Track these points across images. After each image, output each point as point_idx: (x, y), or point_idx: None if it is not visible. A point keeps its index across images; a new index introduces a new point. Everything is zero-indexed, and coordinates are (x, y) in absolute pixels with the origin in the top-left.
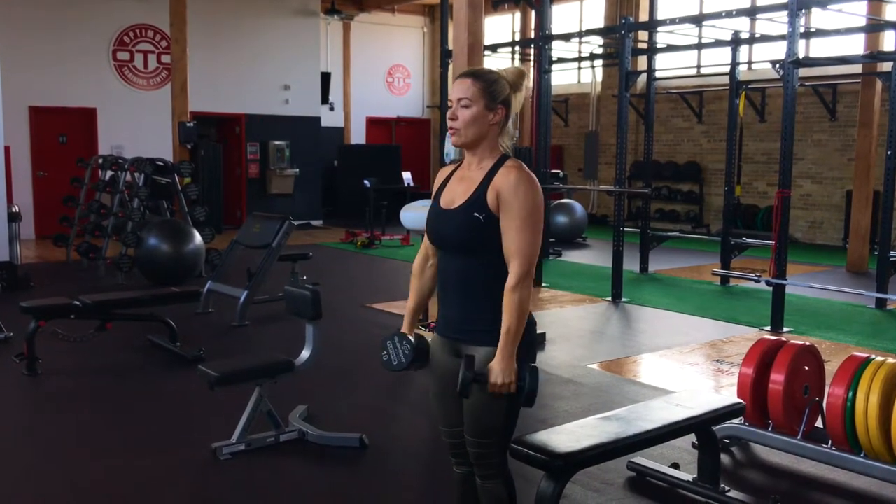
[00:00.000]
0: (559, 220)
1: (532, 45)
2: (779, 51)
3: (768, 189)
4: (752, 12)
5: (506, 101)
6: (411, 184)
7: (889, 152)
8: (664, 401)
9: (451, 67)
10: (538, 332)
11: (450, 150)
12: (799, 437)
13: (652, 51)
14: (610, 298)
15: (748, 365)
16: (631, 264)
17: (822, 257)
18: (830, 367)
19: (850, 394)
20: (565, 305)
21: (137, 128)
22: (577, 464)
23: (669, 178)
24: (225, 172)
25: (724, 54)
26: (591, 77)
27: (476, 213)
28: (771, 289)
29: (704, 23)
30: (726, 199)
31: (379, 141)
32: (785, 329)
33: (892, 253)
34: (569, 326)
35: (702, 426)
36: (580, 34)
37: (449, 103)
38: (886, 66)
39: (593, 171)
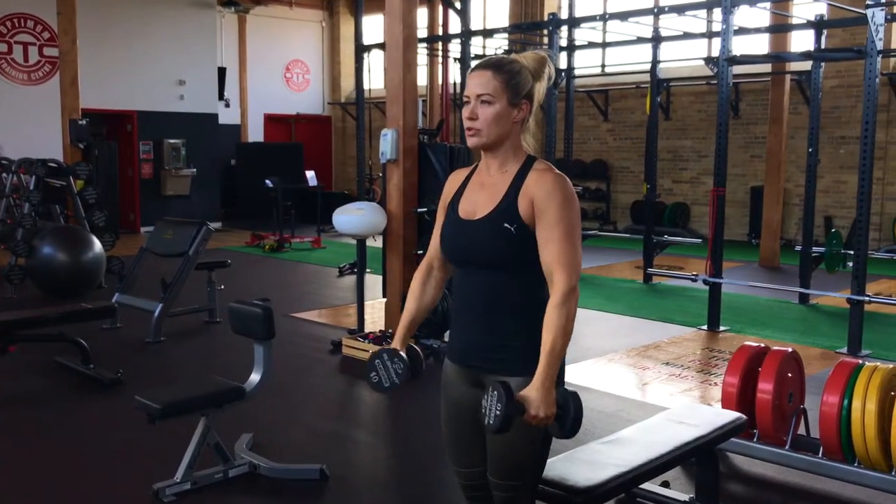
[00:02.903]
0: None
1: (440, 41)
2: (689, 49)
3: (674, 186)
4: (683, 9)
5: (529, 95)
6: (315, 183)
7: (810, 149)
8: (665, 419)
9: (366, 61)
10: None
11: (385, 149)
12: (787, 448)
13: (571, 48)
14: None
15: (733, 374)
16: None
17: (731, 253)
18: None
19: (846, 401)
20: None
21: (18, 126)
22: (597, 498)
23: (576, 177)
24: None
25: (636, 52)
26: None
27: (507, 224)
28: (698, 286)
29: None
30: (647, 197)
31: (278, 139)
32: (721, 328)
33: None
34: None
35: (709, 445)
36: (506, 29)
37: (465, 99)
38: (794, 66)
39: None
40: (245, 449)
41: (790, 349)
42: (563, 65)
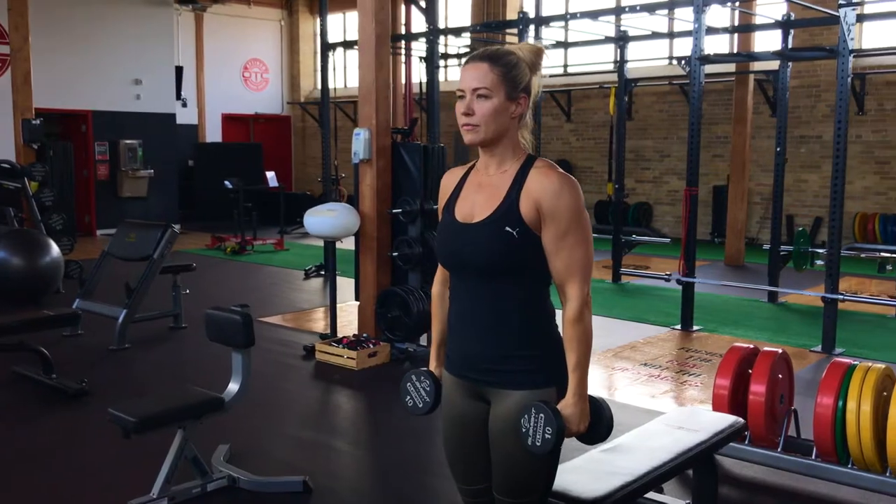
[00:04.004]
0: None
1: (405, 40)
2: (650, 49)
3: (637, 186)
4: (655, 8)
5: (527, 89)
6: (276, 184)
7: (778, 149)
8: (663, 423)
9: (331, 59)
10: None
11: (358, 148)
12: (780, 450)
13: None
14: None
15: (724, 376)
16: None
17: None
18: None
19: (841, 403)
20: None
21: None
22: None
23: None
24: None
25: (599, 52)
26: (457, 76)
27: (508, 228)
28: (667, 285)
29: (590, 19)
30: (615, 197)
31: (236, 139)
32: (695, 327)
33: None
34: None
35: (710, 450)
36: (475, 28)
37: (460, 93)
38: (757, 66)
39: None
40: (222, 461)
41: (780, 350)
42: None
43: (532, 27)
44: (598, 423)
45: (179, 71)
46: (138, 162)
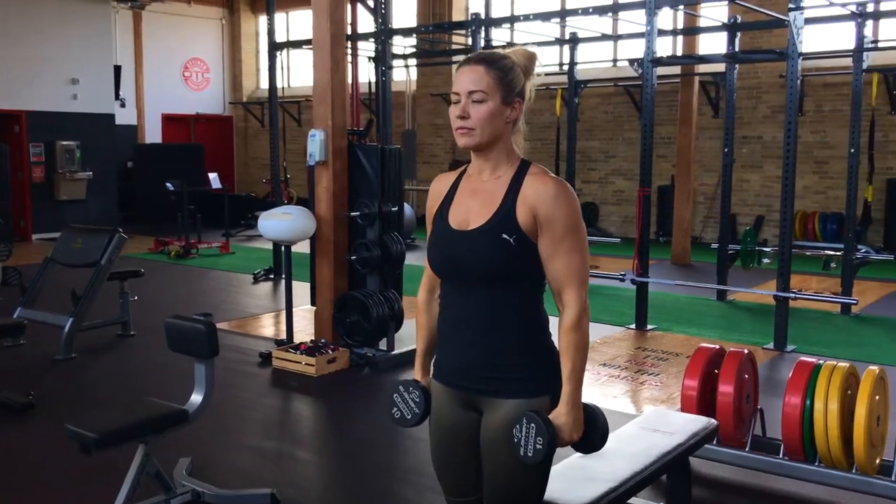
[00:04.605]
0: None
1: (353, 40)
2: (595, 51)
3: (583, 186)
4: (607, 10)
5: (521, 93)
6: (219, 185)
7: (726, 149)
8: (638, 427)
9: (278, 58)
10: (410, 348)
11: (314, 150)
12: (748, 449)
13: (488, 49)
14: None
15: (692, 377)
16: None
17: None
18: None
19: (809, 402)
20: None
21: None
22: None
23: None
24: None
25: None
26: (405, 76)
27: (505, 236)
28: (617, 285)
29: (541, 20)
30: None
31: (177, 140)
32: (649, 327)
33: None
34: None
35: (687, 452)
36: (426, 29)
37: (454, 97)
38: (702, 68)
39: (412, 170)
40: (185, 475)
41: (746, 350)
42: None
43: (483, 28)
44: (593, 432)
45: (118, 70)
46: (76, 164)
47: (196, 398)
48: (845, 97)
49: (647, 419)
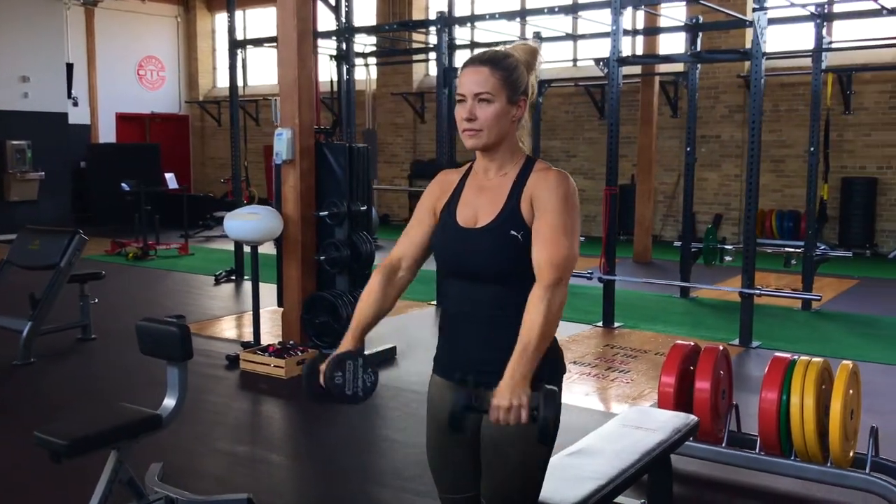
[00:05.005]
0: None
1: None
2: (554, 51)
3: None
4: (572, 10)
5: (526, 91)
6: (176, 185)
7: (688, 149)
8: (620, 424)
9: (238, 56)
10: (382, 348)
11: (281, 149)
12: (724, 445)
13: (452, 48)
14: (435, 302)
15: (669, 374)
16: (429, 264)
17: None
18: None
19: (785, 397)
20: (393, 314)
21: None
22: None
23: None
24: None
25: None
26: (364, 75)
27: (513, 232)
28: (583, 283)
29: (507, 20)
30: None
31: (132, 139)
32: (616, 324)
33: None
34: (409, 336)
35: (670, 449)
36: (390, 26)
37: (460, 98)
38: (663, 68)
39: (373, 170)
40: (157, 481)
41: (721, 347)
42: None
43: (447, 27)
44: (538, 416)
45: (70, 68)
46: (27, 164)
47: (169, 402)
48: (801, 97)
49: (627, 417)
